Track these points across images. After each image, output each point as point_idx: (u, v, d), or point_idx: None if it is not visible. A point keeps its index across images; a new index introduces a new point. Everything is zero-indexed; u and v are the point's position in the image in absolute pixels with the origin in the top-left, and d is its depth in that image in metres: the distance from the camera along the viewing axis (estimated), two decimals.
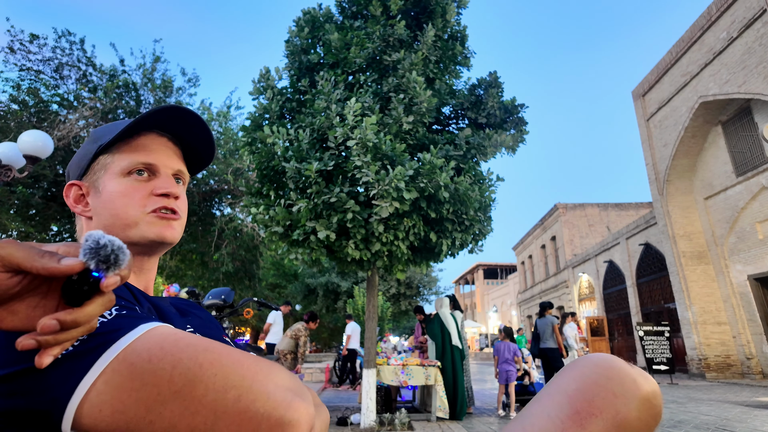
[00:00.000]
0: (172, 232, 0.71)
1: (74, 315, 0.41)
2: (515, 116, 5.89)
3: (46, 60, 10.51)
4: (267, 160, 4.94)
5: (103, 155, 0.71)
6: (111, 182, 0.69)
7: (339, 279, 21.54)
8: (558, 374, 0.64)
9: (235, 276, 13.31)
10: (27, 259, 0.39)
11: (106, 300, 0.43)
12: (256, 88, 5.41)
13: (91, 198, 0.71)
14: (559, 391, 0.60)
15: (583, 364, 0.62)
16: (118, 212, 0.67)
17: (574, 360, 0.63)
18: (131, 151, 0.70)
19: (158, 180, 0.71)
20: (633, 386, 0.58)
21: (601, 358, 0.62)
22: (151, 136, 0.72)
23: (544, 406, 0.59)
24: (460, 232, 5.18)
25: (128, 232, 0.67)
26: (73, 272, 0.40)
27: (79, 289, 0.41)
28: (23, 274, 0.41)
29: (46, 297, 0.43)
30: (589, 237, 23.03)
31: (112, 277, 0.41)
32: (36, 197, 10.37)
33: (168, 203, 0.70)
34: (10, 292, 0.41)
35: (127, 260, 0.42)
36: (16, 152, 5.34)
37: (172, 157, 0.74)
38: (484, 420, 5.96)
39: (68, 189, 0.73)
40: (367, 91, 5.08)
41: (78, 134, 10.13)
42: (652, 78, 13.71)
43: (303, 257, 5.15)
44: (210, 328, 0.76)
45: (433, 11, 5.81)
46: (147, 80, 11.42)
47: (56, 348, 0.42)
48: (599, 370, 0.59)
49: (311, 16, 5.76)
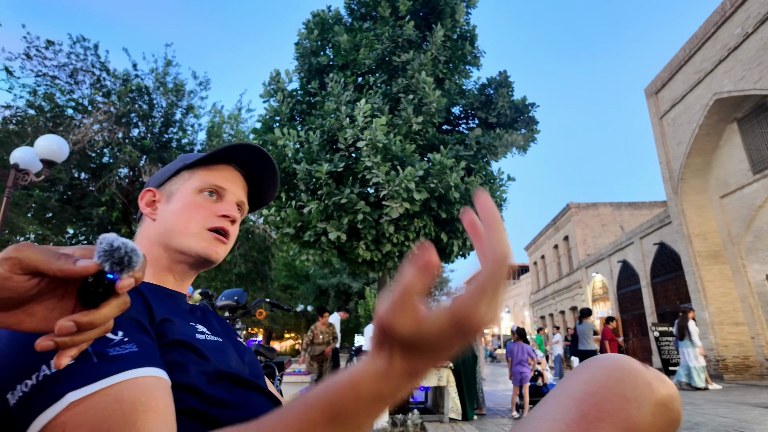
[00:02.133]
0: (217, 253, 0.77)
1: (90, 317, 0.41)
2: (526, 115, 5.85)
3: (61, 66, 10.70)
4: (278, 162, 4.97)
5: (184, 171, 0.80)
6: (184, 195, 0.77)
7: (350, 280, 21.58)
8: (567, 376, 0.61)
9: (247, 277, 13.40)
10: (44, 261, 0.40)
11: (121, 302, 0.44)
12: (266, 91, 5.45)
13: (161, 204, 0.78)
14: (566, 393, 0.57)
15: (593, 365, 0.59)
16: (181, 221, 0.74)
17: (583, 362, 0.60)
18: (209, 174, 0.79)
19: (223, 204, 0.78)
20: (647, 389, 0.54)
21: (612, 358, 0.59)
22: (229, 167, 0.82)
23: (550, 409, 0.56)
24: None
25: (184, 240, 0.74)
26: (88, 274, 0.41)
27: (95, 291, 0.42)
28: (41, 277, 0.42)
29: (63, 299, 0.44)
30: (602, 237, 22.77)
31: (126, 279, 0.42)
32: (52, 200, 10.56)
33: (225, 224, 0.77)
34: (28, 294, 0.42)
35: (140, 262, 0.43)
36: (33, 157, 5.44)
37: (239, 189, 0.82)
38: (497, 421, 5.92)
39: (144, 193, 0.80)
40: (376, 93, 5.09)
41: (92, 138, 10.29)
42: (665, 75, 13.53)
43: (314, 258, 5.18)
44: (224, 323, 0.83)
45: (442, 11, 5.80)
46: (159, 84, 11.57)
47: (73, 349, 0.42)
48: (609, 372, 0.56)
49: (320, 18, 5.79)
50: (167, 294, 0.71)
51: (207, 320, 0.77)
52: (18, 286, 0.41)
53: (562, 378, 0.63)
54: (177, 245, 0.73)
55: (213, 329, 0.73)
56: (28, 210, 10.62)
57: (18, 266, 0.40)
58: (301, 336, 27.44)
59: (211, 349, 0.65)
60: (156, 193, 0.79)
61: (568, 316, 24.22)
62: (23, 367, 0.47)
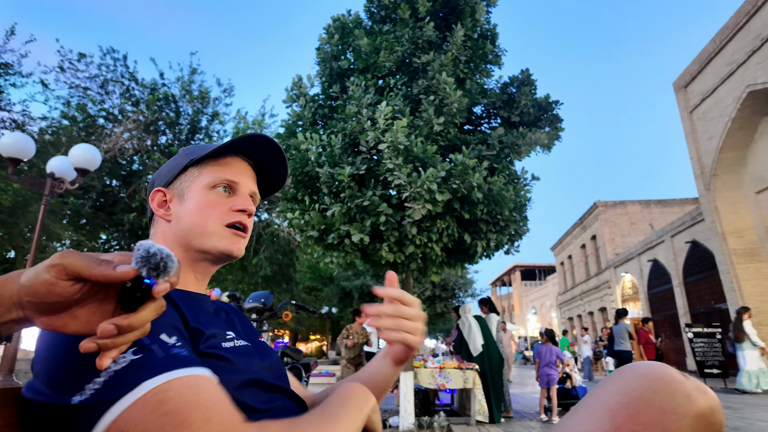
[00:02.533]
0: (239, 249, 0.77)
1: (129, 320, 0.44)
2: (550, 113, 5.77)
3: (92, 77, 11.09)
4: (301, 166, 5.03)
5: (192, 168, 0.79)
6: (197, 193, 0.76)
7: (374, 282, 21.61)
8: (599, 385, 0.58)
9: (273, 279, 13.59)
10: (86, 267, 0.43)
11: (157, 306, 0.47)
12: (289, 96, 5.53)
13: (173, 204, 0.77)
14: (599, 403, 0.54)
15: (628, 374, 0.56)
16: (198, 220, 0.74)
17: (617, 369, 0.58)
18: (219, 168, 0.78)
19: (237, 198, 0.78)
20: (685, 401, 0.52)
21: (649, 367, 0.56)
22: (236, 158, 0.81)
23: (583, 419, 0.54)
24: (495, 233, 5.11)
25: (204, 239, 0.74)
26: (127, 278, 0.43)
27: (133, 296, 0.44)
28: (83, 282, 0.44)
29: (104, 303, 0.47)
30: (631, 235, 22.19)
31: (162, 284, 0.44)
32: (86, 207, 10.93)
33: (242, 219, 0.77)
34: (73, 299, 0.45)
35: (175, 267, 0.45)
36: (67, 165, 5.65)
37: (250, 180, 0.82)
38: (525, 424, 5.84)
39: (154, 194, 0.79)
40: (397, 95, 5.10)
41: (123, 146, 10.62)
42: (694, 68, 13.10)
43: (338, 260, 5.21)
44: (248, 324, 0.84)
45: (462, 11, 5.77)
46: (185, 92, 11.86)
47: (114, 351, 0.45)
48: (645, 382, 0.54)
49: (341, 22, 5.84)
50: (191, 297, 0.72)
51: (231, 321, 0.78)
52: (63, 291, 0.43)
53: (596, 385, 0.60)
54: (198, 245, 0.74)
55: (237, 331, 0.74)
56: (63, 217, 11.03)
57: (63, 272, 0.43)
58: (326, 338, 27.63)
59: (239, 354, 0.67)
60: (166, 193, 0.79)
61: (597, 317, 23.67)
62: (90, 367, 0.49)
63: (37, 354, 0.55)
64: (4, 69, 10.15)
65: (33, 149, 5.46)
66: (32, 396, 0.53)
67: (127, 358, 0.50)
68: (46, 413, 0.51)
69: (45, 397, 0.51)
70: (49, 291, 0.43)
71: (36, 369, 0.55)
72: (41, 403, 0.51)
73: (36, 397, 0.52)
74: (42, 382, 0.52)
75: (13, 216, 10.78)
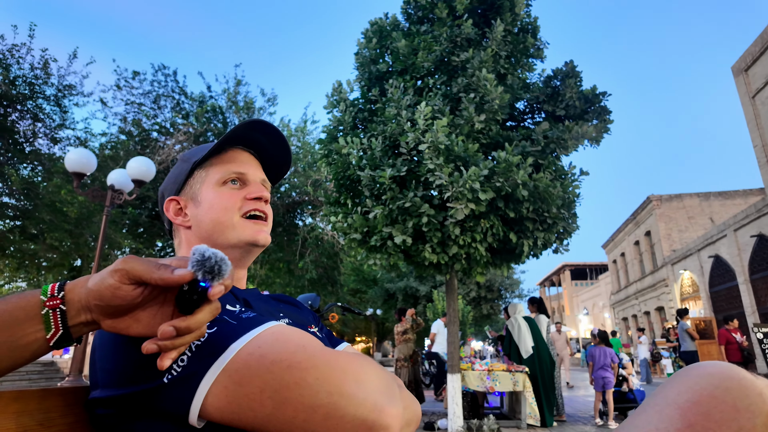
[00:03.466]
0: (264, 236, 0.78)
1: (187, 322, 0.46)
2: (597, 105, 5.54)
3: (146, 93, 11.72)
4: (343, 170, 5.09)
5: (197, 170, 0.79)
6: (209, 192, 0.77)
7: (417, 283, 21.56)
8: (664, 385, 0.57)
9: (318, 282, 13.83)
10: (147, 271, 0.46)
11: (213, 308, 0.48)
12: (330, 102, 5.61)
13: (189, 209, 0.78)
14: (668, 402, 0.53)
15: (696, 373, 0.55)
16: (218, 217, 0.75)
17: (682, 369, 0.57)
18: (224, 164, 0.79)
19: (250, 187, 0.79)
20: (758, 399, 0.51)
21: (717, 366, 0.55)
22: (237, 150, 0.81)
23: (653, 418, 0.53)
24: (542, 232, 4.96)
25: (227, 234, 0.75)
26: (184, 281, 0.45)
27: (190, 299, 0.46)
28: (144, 286, 0.47)
29: (163, 306, 0.50)
30: (689, 230, 20.98)
31: (217, 287, 0.46)
32: (143, 216, 11.55)
33: (259, 206, 0.78)
34: (135, 302, 0.48)
35: (229, 270, 0.47)
36: (125, 178, 6.00)
37: (257, 168, 0.82)
38: (578, 429, 5.62)
39: (167, 204, 0.81)
40: (436, 94, 5.06)
41: (175, 157, 11.15)
42: (756, 50, 12.22)
43: (381, 262, 5.23)
44: (299, 313, 0.84)
45: (501, 6, 5.66)
46: (231, 103, 12.30)
47: (173, 352, 0.47)
48: (716, 381, 0.52)
49: (378, 26, 5.86)
50: (240, 292, 0.74)
51: (283, 309, 0.79)
52: (126, 295, 0.46)
53: (659, 386, 0.59)
54: (224, 242, 0.74)
55: (291, 317, 0.76)
56: (123, 226, 11.71)
57: (126, 276, 0.46)
58: (371, 339, 27.82)
59: None
60: (179, 201, 0.79)
61: (654, 317, 22.50)
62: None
63: (106, 357, 0.57)
64: (68, 90, 10.91)
65: (95, 164, 5.83)
66: (106, 393, 0.55)
67: (205, 333, 0.52)
68: (130, 404, 0.53)
69: (127, 389, 0.53)
70: (113, 294, 0.46)
71: (108, 367, 0.56)
72: (121, 396, 0.53)
73: (111, 393, 0.54)
74: (118, 379, 0.54)
75: (79, 227, 11.55)
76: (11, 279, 15.08)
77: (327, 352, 0.53)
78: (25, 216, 11.26)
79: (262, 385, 0.49)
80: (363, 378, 0.50)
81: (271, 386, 0.49)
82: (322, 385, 0.48)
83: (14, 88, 9.90)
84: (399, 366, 6.59)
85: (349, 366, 0.51)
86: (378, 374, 0.53)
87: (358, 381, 0.50)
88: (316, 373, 0.49)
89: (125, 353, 0.54)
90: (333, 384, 0.49)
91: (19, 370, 0.75)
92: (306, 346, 0.52)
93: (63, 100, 10.97)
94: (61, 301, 0.48)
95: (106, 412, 0.56)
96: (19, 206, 11.25)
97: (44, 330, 0.47)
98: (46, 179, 11.31)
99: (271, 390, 0.49)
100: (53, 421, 0.59)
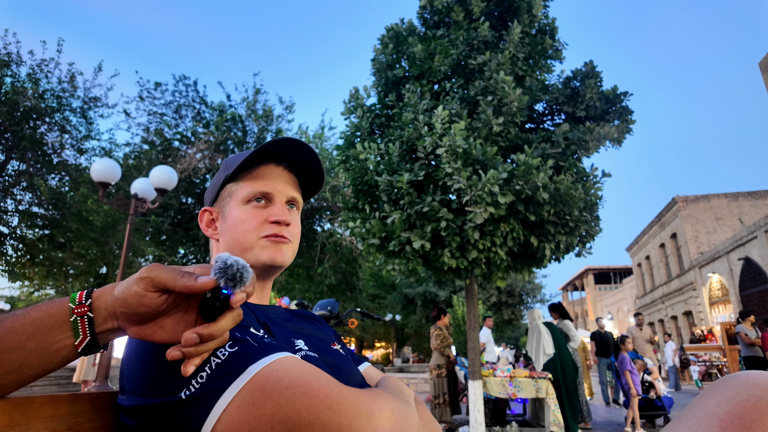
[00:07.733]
0: (282, 256, 0.77)
1: (210, 329, 0.47)
2: (618, 106, 5.44)
3: (167, 103, 11.99)
4: (360, 176, 5.10)
5: (229, 183, 0.80)
6: (234, 209, 0.78)
7: (436, 288, 21.41)
8: (703, 394, 0.54)
9: (337, 288, 13.87)
10: (171, 279, 0.46)
11: (235, 315, 0.49)
12: (347, 108, 5.64)
13: (219, 222, 0.80)
14: (707, 413, 0.51)
15: (737, 383, 0.52)
16: (238, 236, 0.76)
17: (722, 378, 0.54)
18: (252, 180, 0.78)
19: (273, 207, 0.78)
20: None
21: (760, 376, 0.52)
22: (270, 166, 0.80)
23: (690, 430, 0.51)
24: (564, 235, 4.88)
25: (245, 255, 0.75)
26: (207, 289, 0.46)
27: (213, 306, 0.47)
28: (168, 293, 0.48)
29: (187, 313, 0.51)
30: (717, 232, 20.37)
31: (239, 294, 0.46)
32: (165, 224, 11.78)
33: (279, 230, 0.77)
34: (159, 309, 0.48)
35: (250, 278, 0.47)
36: (148, 186, 6.14)
37: (287, 185, 0.81)
38: None
39: (202, 214, 0.83)
40: (453, 98, 5.04)
41: (196, 166, 11.36)
42: None
43: (400, 267, 5.21)
44: (321, 330, 0.83)
45: (518, 8, 5.62)
46: (250, 112, 12.49)
47: (197, 358, 0.48)
48: (758, 392, 0.50)
49: (395, 32, 5.88)
50: (262, 308, 0.74)
51: (301, 330, 0.78)
52: (151, 302, 0.47)
53: (698, 395, 0.56)
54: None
55: (307, 340, 0.74)
56: (146, 234, 11.95)
57: (151, 284, 0.46)
58: (391, 345, 27.70)
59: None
60: (212, 212, 0.81)
61: (682, 321, 21.88)
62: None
63: (130, 364, 0.58)
64: (94, 102, 11.24)
65: (119, 173, 5.98)
66: (130, 401, 0.56)
67: (226, 352, 0.52)
68: (149, 415, 0.54)
69: (147, 400, 0.53)
70: (139, 302, 0.47)
71: (132, 375, 0.57)
72: (142, 406, 0.54)
73: (136, 402, 0.55)
74: (140, 387, 0.55)
75: (104, 235, 11.85)
76: (40, 286, 15.55)
77: (341, 384, 0.53)
78: (53, 225, 11.62)
79: (275, 408, 0.49)
80: (375, 412, 0.50)
81: (284, 411, 0.48)
82: (333, 415, 0.48)
83: (43, 101, 10.25)
84: (435, 374, 6.44)
85: (361, 399, 0.51)
86: (392, 409, 0.53)
87: (370, 415, 0.49)
88: (329, 402, 0.49)
89: (148, 363, 0.55)
90: (344, 415, 0.48)
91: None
92: (321, 376, 0.52)
93: (89, 112, 11.30)
94: (88, 308, 0.49)
95: (129, 423, 0.57)
96: (47, 215, 11.62)
97: (73, 336, 0.48)
98: (72, 189, 11.67)
99: (282, 414, 0.48)
100: (82, 426, 0.60)
